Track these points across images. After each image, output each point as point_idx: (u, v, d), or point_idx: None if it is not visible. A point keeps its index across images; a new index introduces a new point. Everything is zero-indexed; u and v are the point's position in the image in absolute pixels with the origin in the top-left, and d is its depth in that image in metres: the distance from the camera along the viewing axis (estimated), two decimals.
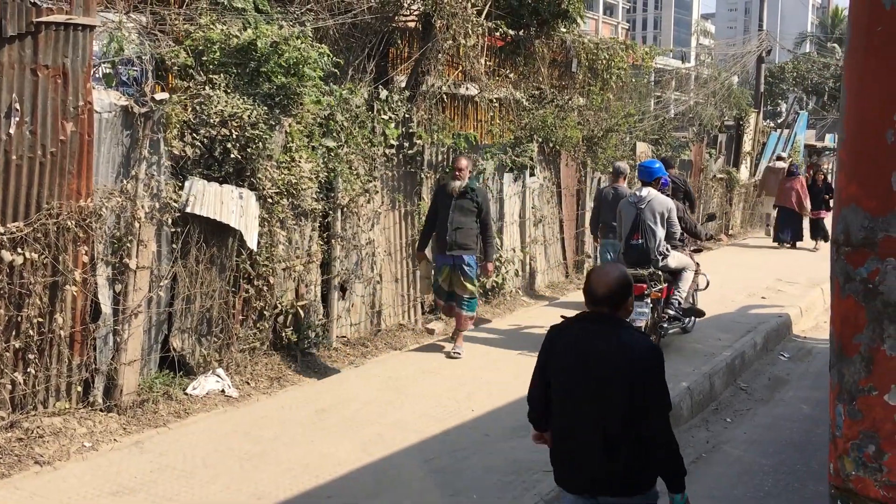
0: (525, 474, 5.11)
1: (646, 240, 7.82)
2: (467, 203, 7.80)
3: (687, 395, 6.86)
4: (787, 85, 42.31)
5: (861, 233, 3.00)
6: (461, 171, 7.81)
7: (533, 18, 12.46)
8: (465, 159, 7.96)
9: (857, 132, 3.06)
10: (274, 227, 7.06)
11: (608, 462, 3.21)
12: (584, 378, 3.26)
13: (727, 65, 25.04)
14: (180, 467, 5.13)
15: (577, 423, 3.31)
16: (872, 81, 2.97)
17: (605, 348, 3.23)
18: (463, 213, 7.78)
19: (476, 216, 7.82)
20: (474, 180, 8.05)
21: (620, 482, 3.24)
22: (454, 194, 7.78)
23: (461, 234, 7.75)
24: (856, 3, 3.09)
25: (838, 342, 3.13)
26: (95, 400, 5.85)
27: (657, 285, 7.84)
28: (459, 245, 7.75)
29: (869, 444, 3.01)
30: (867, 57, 3.00)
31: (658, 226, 7.84)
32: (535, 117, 11.39)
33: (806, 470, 5.65)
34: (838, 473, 3.15)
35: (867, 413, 3.01)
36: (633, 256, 7.93)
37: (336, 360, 7.60)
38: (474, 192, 7.85)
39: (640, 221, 7.86)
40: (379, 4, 9.65)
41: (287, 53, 7.05)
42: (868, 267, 2.99)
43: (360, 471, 5.14)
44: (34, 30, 5.21)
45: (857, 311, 3.02)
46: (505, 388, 6.86)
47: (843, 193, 3.10)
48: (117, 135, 5.92)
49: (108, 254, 5.89)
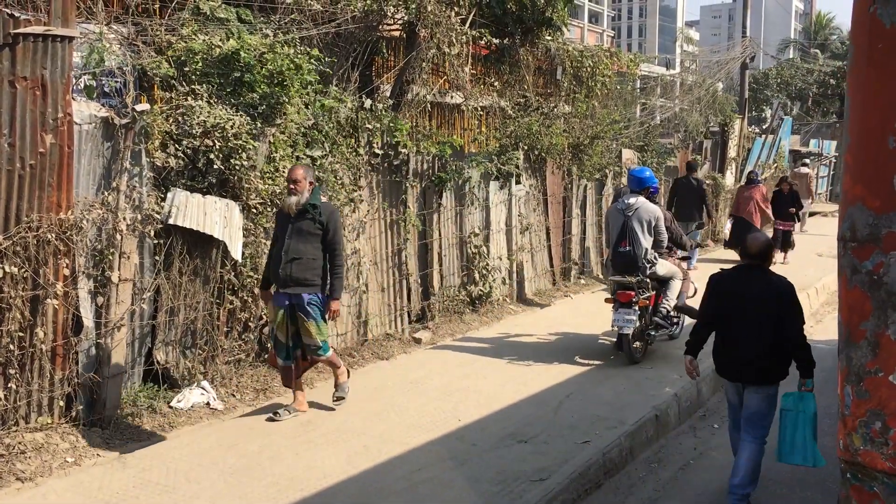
0: (512, 484, 5.07)
1: (633, 247, 7.86)
2: (308, 224, 6.17)
3: (674, 401, 6.85)
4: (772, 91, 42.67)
5: (866, 229, 3.34)
6: (296, 182, 6.14)
7: (517, 27, 12.51)
8: (301, 168, 6.27)
9: (861, 138, 3.39)
10: (259, 237, 7.02)
11: (759, 360, 4.92)
12: (746, 303, 4.96)
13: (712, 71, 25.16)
14: (163, 482, 5.07)
15: (740, 334, 4.97)
16: (874, 93, 3.31)
17: (759, 284, 4.97)
18: (302, 237, 6.16)
19: (320, 240, 6.22)
20: (318, 194, 6.29)
21: (765, 375, 4.97)
22: (291, 214, 6.21)
23: (299, 266, 6.14)
24: (858, 21, 3.39)
25: (846, 329, 3.45)
26: (78, 414, 5.78)
27: (645, 293, 7.91)
28: (296, 280, 6.14)
29: (875, 421, 3.35)
30: (869, 70, 3.33)
31: (645, 233, 7.89)
32: (520, 125, 11.39)
33: (793, 476, 5.63)
34: (847, 449, 3.48)
35: (874, 392, 3.36)
36: (621, 264, 7.98)
37: (322, 370, 7.54)
38: (317, 209, 6.17)
39: (628, 229, 7.91)
40: (363, 14, 9.65)
41: (271, 63, 7.02)
42: (873, 260, 3.33)
43: (345, 483, 5.09)
44: (12, 41, 5.16)
45: (863, 300, 3.36)
46: (492, 398, 6.83)
47: (849, 194, 3.43)
48: (98, 146, 5.87)
49: (90, 266, 5.84)
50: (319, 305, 6.25)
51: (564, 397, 6.85)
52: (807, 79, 42.67)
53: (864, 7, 3.33)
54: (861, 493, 3.48)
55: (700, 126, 20.36)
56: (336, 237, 6.28)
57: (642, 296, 7.83)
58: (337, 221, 6.32)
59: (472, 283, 10.00)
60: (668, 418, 6.64)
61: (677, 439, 6.48)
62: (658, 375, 7.51)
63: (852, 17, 3.45)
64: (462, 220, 9.91)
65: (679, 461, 6.01)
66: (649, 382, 7.28)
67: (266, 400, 6.75)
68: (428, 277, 9.38)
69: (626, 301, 7.78)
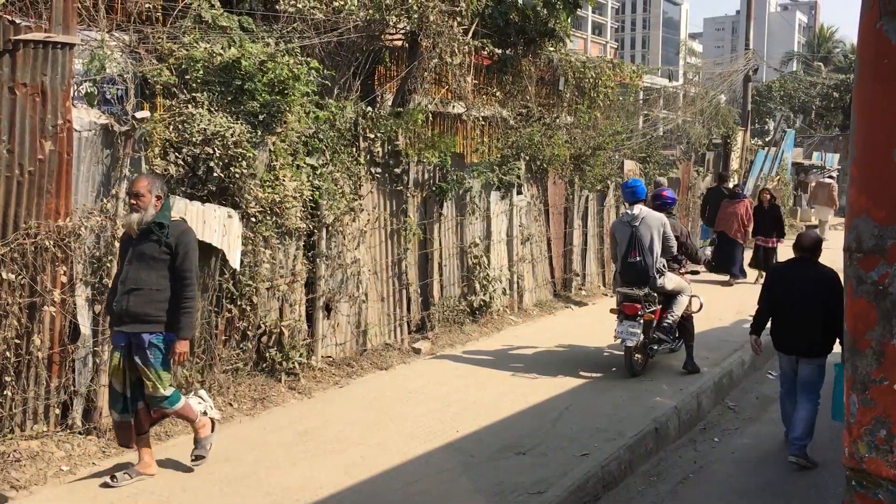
0: (510, 496, 5.03)
1: (643, 257, 7.83)
2: (151, 248, 5.09)
3: (674, 414, 6.80)
4: (775, 103, 42.69)
5: (871, 240, 3.40)
6: (139, 197, 5.07)
7: (520, 37, 12.53)
8: (145, 179, 5.18)
9: (866, 152, 3.46)
10: (258, 246, 6.99)
11: (810, 337, 6.02)
12: (800, 291, 6.08)
13: (714, 83, 25.19)
14: (158, 492, 5.03)
15: (795, 315, 6.08)
16: (880, 107, 3.38)
17: (812, 275, 6.10)
18: (144, 263, 5.07)
19: (167, 267, 5.11)
20: (168, 210, 5.23)
21: (816, 348, 6.05)
22: (133, 235, 5.14)
23: (138, 299, 5.05)
24: (864, 37, 3.46)
25: (852, 338, 3.51)
26: (74, 422, 5.75)
27: (651, 307, 7.88)
28: (134, 316, 5.05)
29: (881, 429, 3.39)
30: (875, 85, 3.40)
31: (655, 241, 7.86)
32: (521, 135, 11.38)
33: (794, 490, 5.59)
34: (853, 456, 3.49)
35: (879, 401, 3.40)
36: (631, 274, 7.93)
37: (321, 380, 7.51)
38: (164, 229, 5.09)
39: (636, 240, 7.87)
40: (365, 23, 9.65)
41: (272, 72, 7.02)
42: (878, 271, 3.39)
43: (341, 494, 5.05)
44: (12, 48, 5.16)
45: (868, 310, 3.42)
46: (491, 409, 6.79)
47: (855, 205, 3.49)
48: (97, 153, 5.86)
49: (88, 274, 5.82)
50: (162, 348, 5.09)
51: (564, 409, 6.81)
52: (810, 91, 42.69)
53: (871, 23, 3.40)
54: (866, 500, 3.51)
55: (703, 138, 20.36)
56: (186, 263, 5.12)
57: (648, 310, 7.82)
58: (189, 244, 5.16)
59: (473, 293, 9.97)
60: (667, 431, 6.59)
61: (677, 452, 6.43)
62: (658, 388, 7.46)
63: (858, 33, 3.52)
64: (463, 230, 9.89)
65: (679, 475, 5.96)
66: (649, 395, 7.23)
67: (264, 409, 6.72)
68: (428, 287, 9.35)
69: (631, 314, 7.76)
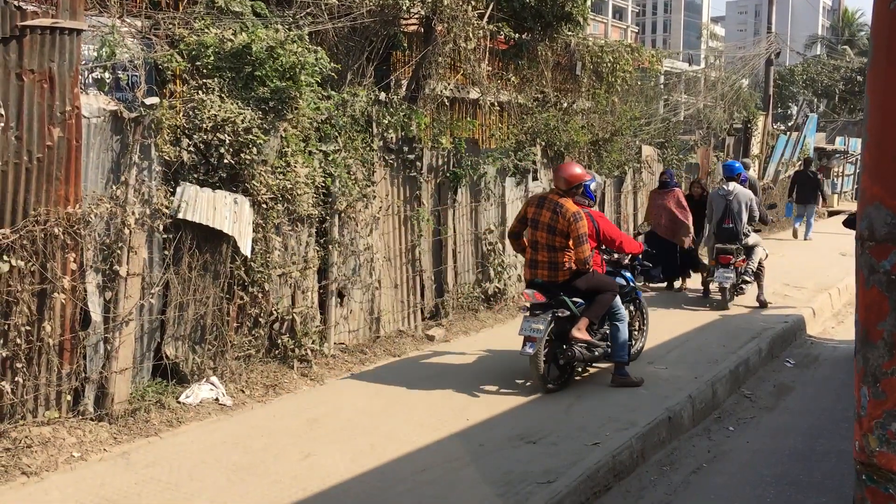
0: (519, 486, 4.98)
1: (735, 224, 10.40)
2: None
3: (688, 403, 6.72)
4: (797, 88, 42.11)
5: (884, 229, 3.30)
6: None
7: (536, 22, 12.37)
8: None
9: (879, 137, 3.35)
10: (269, 232, 6.97)
11: None
12: None
13: (736, 67, 24.87)
14: (166, 479, 5.03)
15: None
16: (894, 90, 3.25)
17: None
18: None
19: None
20: None
21: None
22: None
23: None
24: (878, 18, 3.35)
25: (863, 329, 3.42)
26: (86, 409, 5.77)
27: (740, 256, 10.42)
28: None
29: (892, 423, 3.31)
30: (889, 68, 3.29)
31: (744, 212, 10.41)
32: (538, 121, 11.26)
33: (809, 481, 5.50)
34: (863, 450, 3.42)
35: (890, 394, 3.31)
36: (725, 236, 10.45)
37: (333, 367, 7.49)
38: None
39: (730, 210, 10.41)
40: (379, 8, 9.56)
41: (283, 58, 6.96)
42: (891, 260, 3.30)
43: (349, 483, 5.02)
44: (19, 34, 5.13)
45: (880, 300, 3.32)
46: (503, 397, 6.74)
47: (868, 193, 3.41)
48: (107, 140, 5.84)
49: (98, 261, 5.81)
50: None
51: (576, 398, 6.75)
52: (833, 76, 42.07)
53: (885, 4, 3.27)
54: (876, 495, 3.41)
55: (723, 122, 20.11)
56: None
57: (738, 258, 10.32)
58: None
59: (487, 280, 9.91)
60: (681, 420, 6.51)
61: (690, 441, 6.35)
62: (672, 376, 7.38)
63: (872, 14, 3.40)
64: (477, 217, 9.81)
65: (692, 464, 5.89)
66: (663, 383, 7.15)
67: (275, 396, 6.71)
68: (442, 274, 9.30)
69: (725, 262, 10.29)
